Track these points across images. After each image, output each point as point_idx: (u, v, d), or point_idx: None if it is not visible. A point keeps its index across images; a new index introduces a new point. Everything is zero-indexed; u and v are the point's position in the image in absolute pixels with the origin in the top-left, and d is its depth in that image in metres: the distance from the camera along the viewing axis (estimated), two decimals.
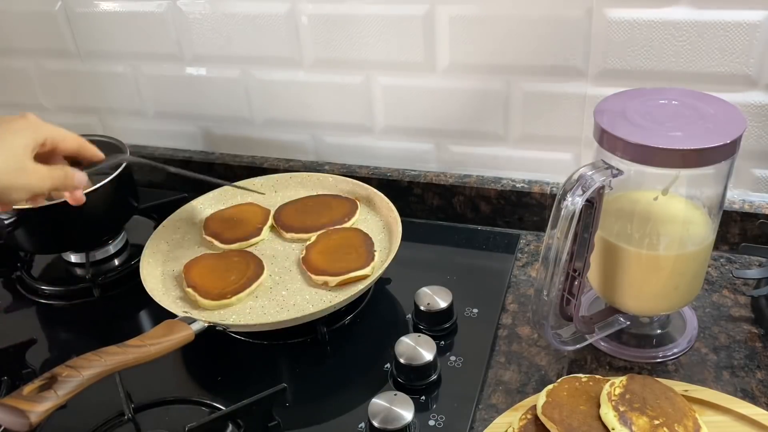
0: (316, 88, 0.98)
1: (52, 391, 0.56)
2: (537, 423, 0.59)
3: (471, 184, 0.94)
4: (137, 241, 0.94)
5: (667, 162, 0.58)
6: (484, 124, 0.92)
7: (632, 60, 0.80)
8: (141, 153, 1.08)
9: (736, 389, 0.66)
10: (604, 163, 0.61)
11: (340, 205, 0.90)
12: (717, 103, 0.63)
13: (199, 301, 0.75)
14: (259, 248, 0.86)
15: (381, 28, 0.89)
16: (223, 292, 0.76)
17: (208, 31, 0.98)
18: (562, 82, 0.85)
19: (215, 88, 1.03)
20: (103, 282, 0.89)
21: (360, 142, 1.00)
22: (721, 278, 0.80)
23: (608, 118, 0.61)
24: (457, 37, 0.86)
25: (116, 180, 0.87)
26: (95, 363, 0.60)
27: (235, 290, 0.76)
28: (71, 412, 0.64)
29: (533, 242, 0.90)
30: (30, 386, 0.56)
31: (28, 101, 1.17)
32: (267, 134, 1.05)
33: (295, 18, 0.92)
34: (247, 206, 0.92)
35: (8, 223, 0.83)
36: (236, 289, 0.76)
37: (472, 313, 0.78)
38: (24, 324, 0.86)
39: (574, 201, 0.59)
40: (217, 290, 0.76)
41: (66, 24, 1.05)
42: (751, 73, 0.77)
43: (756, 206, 0.83)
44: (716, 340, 0.72)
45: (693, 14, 0.76)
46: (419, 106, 0.94)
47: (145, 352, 0.63)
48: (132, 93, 1.09)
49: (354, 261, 0.78)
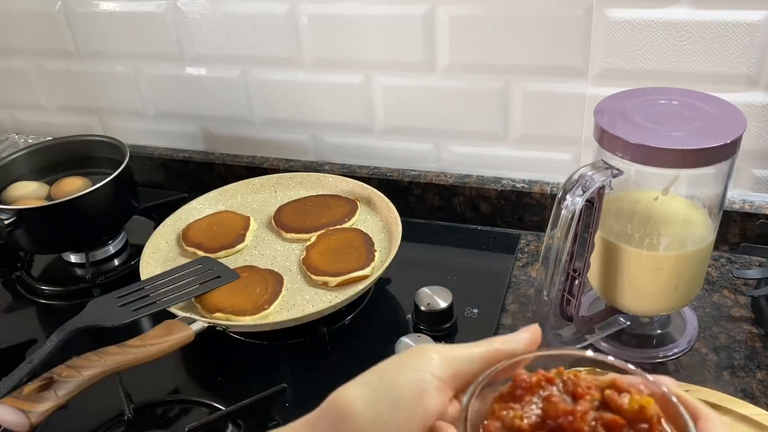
0: (316, 88, 0.97)
1: (52, 391, 0.56)
2: None
3: (471, 184, 0.94)
4: (137, 241, 0.94)
5: (667, 162, 0.58)
6: (485, 124, 0.92)
7: (632, 60, 0.80)
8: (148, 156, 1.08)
9: (737, 389, 0.66)
10: (604, 163, 0.61)
11: (340, 206, 0.90)
12: (717, 103, 0.62)
13: (233, 318, 0.72)
14: (258, 249, 0.86)
15: (381, 28, 0.89)
16: (258, 305, 0.74)
17: (208, 30, 0.98)
18: (562, 81, 0.85)
19: (215, 88, 1.03)
20: (103, 282, 0.89)
21: (360, 142, 1.00)
22: (721, 278, 0.80)
23: (608, 118, 0.61)
24: (457, 37, 0.86)
25: (116, 180, 0.87)
26: (95, 363, 0.60)
27: (269, 300, 0.75)
28: (71, 413, 0.64)
29: (533, 242, 0.90)
30: (30, 386, 0.56)
31: (28, 101, 1.17)
32: (267, 134, 1.05)
33: (295, 18, 0.92)
34: (223, 214, 0.91)
35: (8, 223, 0.83)
36: (269, 299, 0.75)
37: (472, 313, 0.78)
38: (24, 324, 0.86)
39: (575, 201, 0.59)
40: (251, 305, 0.74)
41: (66, 24, 1.05)
42: (751, 73, 0.77)
43: (756, 206, 0.83)
44: (716, 340, 0.72)
45: (693, 14, 0.76)
46: (419, 106, 0.93)
47: (145, 352, 0.63)
48: (132, 93, 1.09)
49: (354, 261, 0.78)
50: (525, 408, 0.32)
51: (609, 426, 0.31)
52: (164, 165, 1.10)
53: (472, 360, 0.35)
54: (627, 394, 0.32)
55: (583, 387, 0.33)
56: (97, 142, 0.97)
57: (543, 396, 0.33)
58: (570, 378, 0.34)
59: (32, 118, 1.20)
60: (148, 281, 0.74)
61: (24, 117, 1.21)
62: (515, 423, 0.32)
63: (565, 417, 0.31)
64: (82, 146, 0.98)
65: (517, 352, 0.36)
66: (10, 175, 0.94)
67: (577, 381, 0.34)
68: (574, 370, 0.35)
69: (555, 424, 0.31)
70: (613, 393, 0.32)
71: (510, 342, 0.36)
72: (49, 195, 0.92)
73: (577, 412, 0.31)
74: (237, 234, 0.86)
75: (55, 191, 0.92)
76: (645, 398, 0.32)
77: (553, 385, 0.34)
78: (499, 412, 0.33)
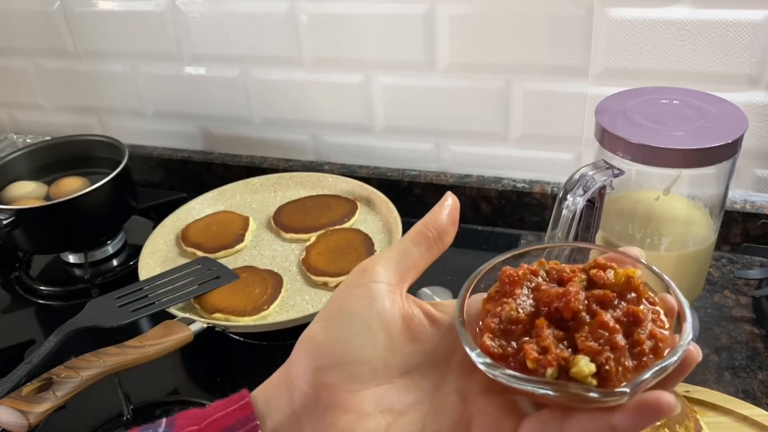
0: (315, 87, 0.97)
1: (51, 391, 0.56)
2: None
3: (471, 184, 0.94)
4: (136, 241, 0.94)
5: (668, 162, 0.58)
6: (485, 123, 0.91)
7: (633, 59, 0.80)
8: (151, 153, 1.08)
9: (738, 390, 0.66)
10: (605, 162, 0.61)
11: (339, 206, 0.90)
12: (718, 103, 0.62)
13: (232, 319, 0.72)
14: (257, 249, 0.85)
15: (381, 27, 0.88)
16: (258, 305, 0.74)
17: (207, 30, 0.97)
18: (563, 81, 0.85)
19: (214, 88, 1.03)
20: (102, 282, 0.88)
21: (360, 142, 1.00)
22: (722, 279, 0.80)
23: (609, 117, 0.61)
24: (457, 36, 0.86)
25: (115, 180, 0.87)
26: (94, 364, 0.59)
27: (268, 300, 0.75)
28: (70, 413, 0.64)
29: (534, 242, 0.90)
30: (28, 387, 0.56)
31: (26, 101, 1.17)
32: (266, 134, 1.05)
33: (295, 17, 0.92)
34: (222, 214, 0.91)
35: (7, 223, 0.82)
36: (268, 300, 0.75)
37: None
38: (22, 324, 0.85)
39: (575, 201, 0.59)
40: (250, 306, 0.74)
41: (64, 23, 1.05)
42: (753, 73, 0.77)
43: (758, 206, 0.83)
44: (718, 340, 0.72)
45: (694, 13, 0.75)
46: (419, 105, 0.93)
47: (143, 352, 0.63)
48: (131, 92, 1.09)
49: (354, 261, 0.78)
50: (517, 301, 0.33)
51: (601, 301, 0.32)
52: (163, 165, 1.10)
53: (407, 251, 0.37)
54: (611, 270, 0.33)
55: (567, 272, 0.34)
56: (96, 141, 0.97)
57: (531, 287, 0.34)
58: (553, 267, 0.35)
59: (31, 118, 1.19)
60: (147, 281, 0.74)
61: (22, 117, 1.20)
62: (512, 315, 0.32)
63: (558, 300, 0.32)
64: (81, 146, 0.98)
65: (439, 220, 0.37)
66: (9, 175, 0.94)
67: (560, 268, 0.34)
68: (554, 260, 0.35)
69: (550, 310, 0.32)
70: (598, 271, 0.33)
71: (430, 215, 0.38)
72: (48, 195, 0.92)
73: (570, 292, 0.32)
74: (236, 234, 0.86)
75: (53, 191, 0.92)
76: (629, 269, 0.33)
77: (537, 277, 0.34)
78: (493, 310, 0.33)
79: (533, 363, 0.30)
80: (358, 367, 0.34)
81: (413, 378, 0.35)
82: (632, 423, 0.29)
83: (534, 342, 0.31)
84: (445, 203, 0.39)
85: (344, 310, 0.35)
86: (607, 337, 0.30)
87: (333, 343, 0.34)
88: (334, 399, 0.33)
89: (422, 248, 0.37)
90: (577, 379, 0.29)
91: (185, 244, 0.85)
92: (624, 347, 0.30)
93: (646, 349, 0.30)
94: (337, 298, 0.36)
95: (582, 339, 0.30)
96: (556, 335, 0.31)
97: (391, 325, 0.34)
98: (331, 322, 0.35)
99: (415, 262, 0.37)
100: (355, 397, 0.33)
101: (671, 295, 0.33)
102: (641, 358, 0.30)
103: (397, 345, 0.35)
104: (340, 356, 0.34)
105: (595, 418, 0.29)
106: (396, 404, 0.34)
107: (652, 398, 0.28)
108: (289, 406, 0.35)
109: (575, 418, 0.30)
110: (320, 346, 0.34)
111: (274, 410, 0.35)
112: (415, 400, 0.34)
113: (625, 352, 0.30)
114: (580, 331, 0.31)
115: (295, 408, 0.34)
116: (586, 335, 0.30)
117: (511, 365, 0.31)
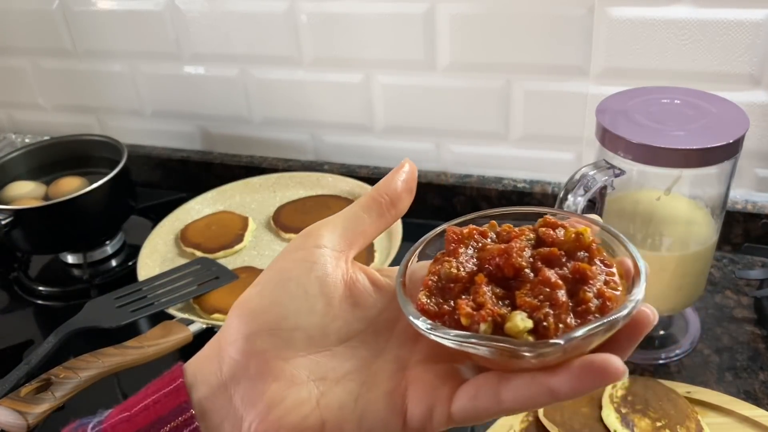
0: (315, 87, 0.97)
1: (50, 392, 0.56)
2: (538, 425, 0.59)
3: (472, 184, 0.94)
4: (135, 241, 0.93)
5: (669, 162, 0.58)
6: (485, 123, 0.91)
7: (634, 59, 0.80)
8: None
9: (739, 391, 0.65)
10: (606, 162, 0.61)
11: (339, 206, 0.88)
12: (720, 103, 0.62)
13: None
14: (257, 250, 0.85)
15: (381, 27, 0.88)
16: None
17: (207, 29, 0.97)
18: (563, 80, 0.84)
19: (213, 87, 1.03)
20: (101, 283, 0.88)
21: (360, 142, 1.00)
22: (723, 279, 0.80)
23: (610, 117, 0.61)
24: (457, 36, 0.86)
25: (114, 180, 0.86)
26: (93, 364, 0.59)
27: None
28: (69, 414, 0.63)
29: None
30: (27, 388, 0.56)
31: (25, 100, 1.17)
32: (266, 133, 1.05)
33: (295, 16, 0.92)
34: (221, 214, 0.91)
35: (5, 223, 0.82)
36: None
37: None
38: (21, 325, 0.85)
39: (576, 201, 0.59)
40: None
41: (63, 23, 1.05)
42: (754, 72, 0.76)
43: (759, 206, 0.83)
44: (719, 341, 0.71)
45: (696, 13, 0.75)
46: (419, 105, 0.93)
47: (142, 353, 0.63)
48: (130, 92, 1.08)
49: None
50: (459, 259, 0.31)
51: (547, 259, 0.30)
52: (162, 165, 1.09)
53: (357, 216, 0.35)
54: (561, 228, 0.31)
55: (516, 232, 0.32)
56: (95, 141, 0.97)
57: (477, 248, 0.32)
58: (504, 229, 0.32)
59: (29, 118, 1.19)
60: (146, 282, 0.74)
61: (21, 116, 1.20)
62: (452, 273, 0.30)
63: (500, 257, 0.30)
64: (80, 146, 0.97)
65: (393, 186, 0.35)
66: (7, 175, 0.94)
67: (510, 229, 0.32)
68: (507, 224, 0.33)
69: (491, 267, 0.30)
70: (547, 230, 0.31)
71: (384, 181, 0.36)
72: (47, 195, 0.92)
73: (512, 248, 0.30)
74: (236, 234, 0.86)
75: (52, 191, 0.92)
76: (581, 227, 0.31)
77: (486, 238, 0.32)
78: (434, 268, 0.31)
79: (466, 318, 0.28)
80: (292, 333, 0.32)
81: (353, 346, 0.33)
82: (572, 386, 0.26)
83: (470, 299, 0.29)
84: (401, 169, 0.36)
85: (282, 273, 0.33)
86: (547, 293, 0.28)
87: (267, 307, 0.32)
88: (265, 366, 0.31)
89: (373, 214, 0.35)
90: (512, 336, 0.27)
91: (184, 245, 0.85)
92: (565, 303, 0.28)
93: (591, 307, 0.28)
94: (277, 262, 0.34)
95: (522, 295, 0.28)
96: (498, 294, 0.29)
97: (332, 290, 0.33)
98: (267, 286, 0.33)
99: (364, 229, 0.35)
100: (287, 365, 0.31)
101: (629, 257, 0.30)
102: (586, 316, 0.27)
103: (337, 311, 0.33)
104: (273, 321, 0.32)
105: (533, 382, 0.27)
106: (331, 372, 0.32)
107: (599, 360, 0.26)
108: (217, 376, 0.32)
109: (513, 381, 0.28)
110: (253, 311, 0.32)
111: (201, 382, 0.32)
112: (352, 369, 0.32)
113: (568, 310, 0.27)
114: (522, 289, 0.29)
115: (223, 378, 0.32)
116: (526, 292, 0.28)
117: (447, 323, 0.29)
